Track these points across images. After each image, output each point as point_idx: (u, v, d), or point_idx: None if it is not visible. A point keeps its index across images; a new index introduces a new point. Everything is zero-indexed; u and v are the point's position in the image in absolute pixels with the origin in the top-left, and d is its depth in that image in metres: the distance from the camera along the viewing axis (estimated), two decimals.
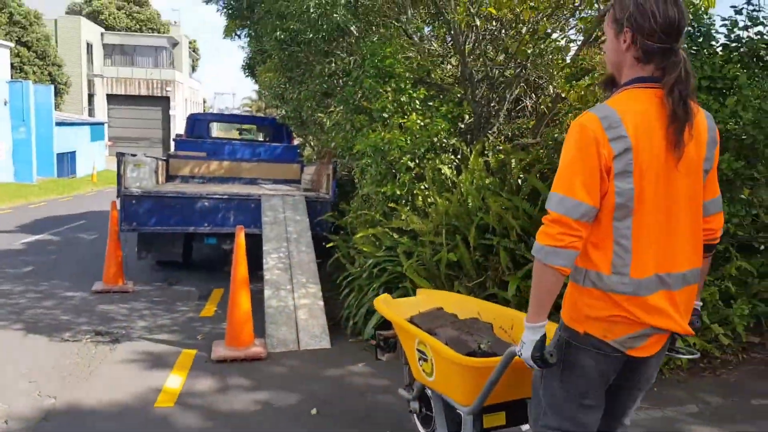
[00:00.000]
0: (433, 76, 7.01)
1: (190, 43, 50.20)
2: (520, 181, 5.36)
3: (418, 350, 2.81)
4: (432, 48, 7.48)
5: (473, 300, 3.44)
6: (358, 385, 4.34)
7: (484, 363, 2.47)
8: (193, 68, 53.06)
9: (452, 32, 6.63)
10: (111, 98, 40.43)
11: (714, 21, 4.62)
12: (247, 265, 5.04)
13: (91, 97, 39.23)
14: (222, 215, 7.35)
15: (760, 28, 4.53)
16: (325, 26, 6.33)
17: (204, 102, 56.32)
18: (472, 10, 5.90)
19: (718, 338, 4.35)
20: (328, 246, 6.66)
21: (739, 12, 4.55)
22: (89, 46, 38.99)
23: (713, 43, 4.66)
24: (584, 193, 1.81)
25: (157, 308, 6.34)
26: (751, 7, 4.52)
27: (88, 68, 38.74)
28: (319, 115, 7.88)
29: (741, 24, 4.55)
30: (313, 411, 3.87)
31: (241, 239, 5.08)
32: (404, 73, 6.01)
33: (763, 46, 4.48)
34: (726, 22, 4.62)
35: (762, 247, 4.52)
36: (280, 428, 3.67)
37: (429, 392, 2.96)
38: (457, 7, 6.24)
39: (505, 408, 2.68)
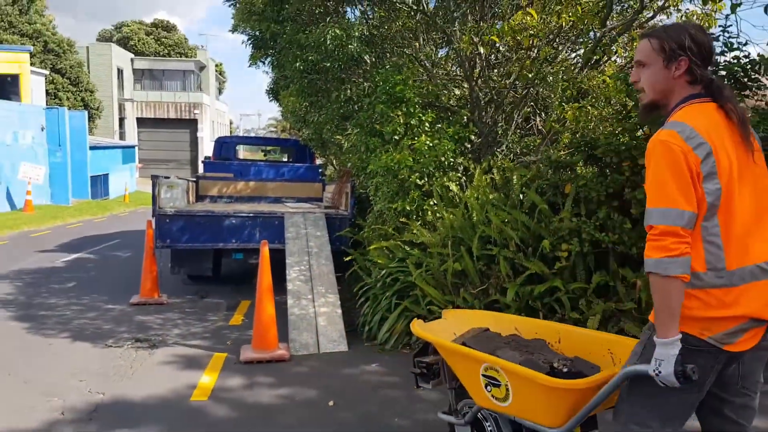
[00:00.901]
0: (442, 99, 7.51)
1: (216, 66, 51.55)
2: (522, 196, 5.80)
3: (486, 376, 2.68)
4: (442, 73, 7.99)
5: (508, 316, 3.43)
6: (372, 382, 4.80)
7: (587, 383, 2.36)
8: (220, 91, 54.40)
9: (459, 59, 7.14)
10: (141, 121, 41.77)
11: None
12: (271, 276, 5.56)
13: (122, 120, 40.57)
14: (248, 232, 7.90)
15: (736, 52, 4.95)
16: (341, 56, 6.88)
17: (230, 123, 57.58)
18: (475, 39, 6.39)
19: None
20: (346, 260, 7.15)
21: (716, 39, 4.97)
22: (120, 72, 40.40)
23: None
24: (684, 202, 1.91)
25: (189, 318, 6.88)
26: (727, 35, 4.94)
27: (119, 93, 40.14)
28: (338, 137, 8.42)
29: (718, 50, 4.97)
30: (331, 403, 4.34)
31: (265, 252, 5.60)
32: (414, 98, 6.51)
33: (739, 69, 4.89)
34: None
35: None
36: (300, 417, 4.14)
37: (481, 415, 2.96)
38: (463, 36, 6.75)
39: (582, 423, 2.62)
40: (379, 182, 6.38)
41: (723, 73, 4.89)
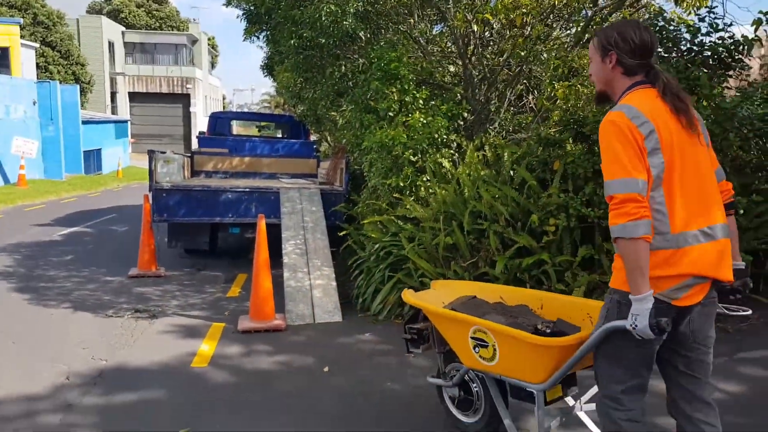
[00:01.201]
0: (436, 76, 7.61)
1: (209, 40, 51.07)
2: (512, 172, 5.95)
3: (474, 338, 2.93)
4: (437, 50, 8.09)
5: (493, 286, 3.69)
6: (365, 350, 4.99)
7: (569, 341, 2.62)
8: (213, 65, 53.98)
9: (453, 36, 7.24)
10: (133, 96, 41.48)
11: (680, 28, 5.19)
12: (267, 249, 5.71)
13: (113, 95, 40.27)
14: (245, 207, 8.03)
15: (721, 33, 5.09)
16: (335, 32, 6.96)
17: (224, 98, 57.25)
18: (469, 17, 6.49)
19: None
20: (341, 234, 7.30)
21: (702, 20, 5.11)
22: (111, 45, 39.98)
23: (681, 47, 5.23)
24: (637, 171, 2.17)
25: (187, 290, 7.04)
26: (713, 16, 5.08)
27: (111, 67, 39.76)
28: (332, 113, 8.52)
29: (704, 30, 5.11)
30: (326, 369, 4.53)
31: (262, 226, 5.75)
32: (408, 75, 6.62)
33: (723, 49, 5.03)
34: (691, 27, 5.19)
35: None
36: (297, 382, 4.33)
37: (468, 377, 3.24)
38: (456, 13, 6.84)
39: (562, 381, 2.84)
40: (373, 158, 6.51)
41: (708, 53, 5.04)
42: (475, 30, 6.68)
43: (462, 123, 7.08)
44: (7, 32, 23.76)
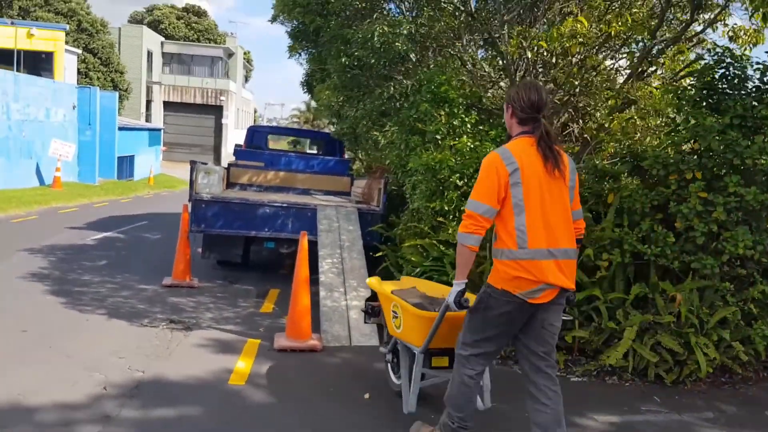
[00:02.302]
0: (484, 101, 7.51)
1: (244, 54, 51.78)
2: None
3: (393, 311, 4.00)
4: (484, 72, 8.00)
5: (442, 286, 4.47)
6: None
7: (431, 314, 3.65)
8: (246, 79, 54.64)
9: (504, 61, 7.15)
10: (167, 105, 42.08)
11: (752, 63, 5.03)
12: (308, 267, 5.61)
13: (149, 103, 40.90)
14: (281, 222, 7.96)
15: None
16: (387, 53, 6.92)
17: (255, 112, 57.80)
18: (524, 44, 6.39)
19: (739, 355, 4.72)
20: (376, 255, 7.18)
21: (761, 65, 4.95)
22: (149, 54, 40.70)
23: (748, 84, 5.06)
24: (486, 198, 2.99)
25: (220, 303, 6.97)
26: None
27: (148, 75, 40.44)
28: (374, 132, 8.44)
29: (757, 71, 4.95)
30: (366, 396, 4.39)
31: (304, 243, 5.66)
32: (458, 98, 6.53)
33: None
34: (759, 66, 5.03)
35: None
36: (339, 408, 4.19)
37: (400, 346, 4.06)
38: (510, 39, 6.75)
39: (448, 353, 3.72)
40: (417, 180, 6.40)
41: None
42: (529, 56, 6.58)
43: None
44: (53, 38, 24.29)
